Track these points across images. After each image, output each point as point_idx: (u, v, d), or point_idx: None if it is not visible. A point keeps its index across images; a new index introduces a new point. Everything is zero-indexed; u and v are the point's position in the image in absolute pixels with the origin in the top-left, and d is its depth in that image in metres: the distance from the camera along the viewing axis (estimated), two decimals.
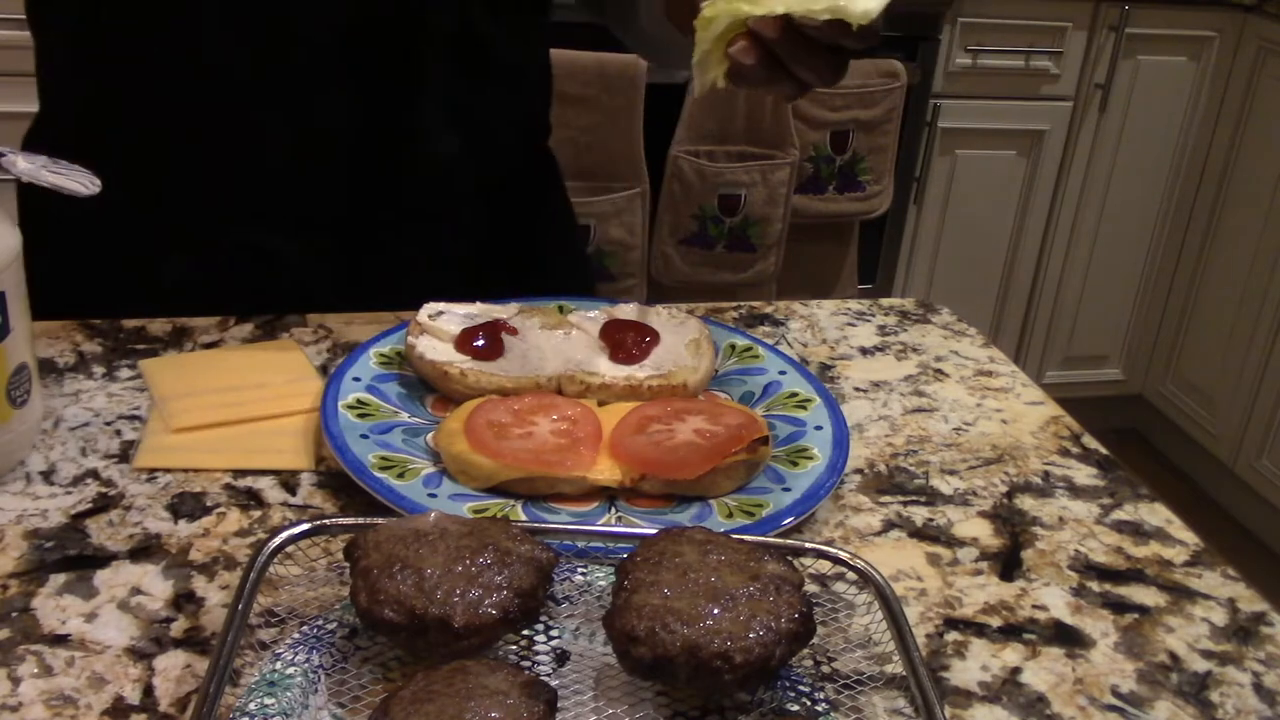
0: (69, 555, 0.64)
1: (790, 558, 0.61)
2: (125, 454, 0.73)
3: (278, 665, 0.55)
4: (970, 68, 2.55)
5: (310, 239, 0.94)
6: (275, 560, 0.59)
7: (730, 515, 0.69)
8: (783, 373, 0.84)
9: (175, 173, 0.92)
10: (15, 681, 0.56)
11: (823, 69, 0.74)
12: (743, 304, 0.99)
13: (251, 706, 0.52)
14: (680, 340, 0.84)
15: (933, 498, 0.76)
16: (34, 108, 1.04)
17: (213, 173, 0.92)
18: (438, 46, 0.92)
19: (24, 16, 0.98)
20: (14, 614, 0.60)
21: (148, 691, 0.56)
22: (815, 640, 0.58)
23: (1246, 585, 0.71)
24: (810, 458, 0.75)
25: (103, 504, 0.68)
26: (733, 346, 0.87)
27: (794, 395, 0.82)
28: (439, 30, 0.92)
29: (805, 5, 0.70)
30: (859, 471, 0.78)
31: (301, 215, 0.93)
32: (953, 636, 0.64)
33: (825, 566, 0.65)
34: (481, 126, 0.98)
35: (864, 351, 0.94)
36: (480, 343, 0.80)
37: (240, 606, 0.56)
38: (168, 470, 0.72)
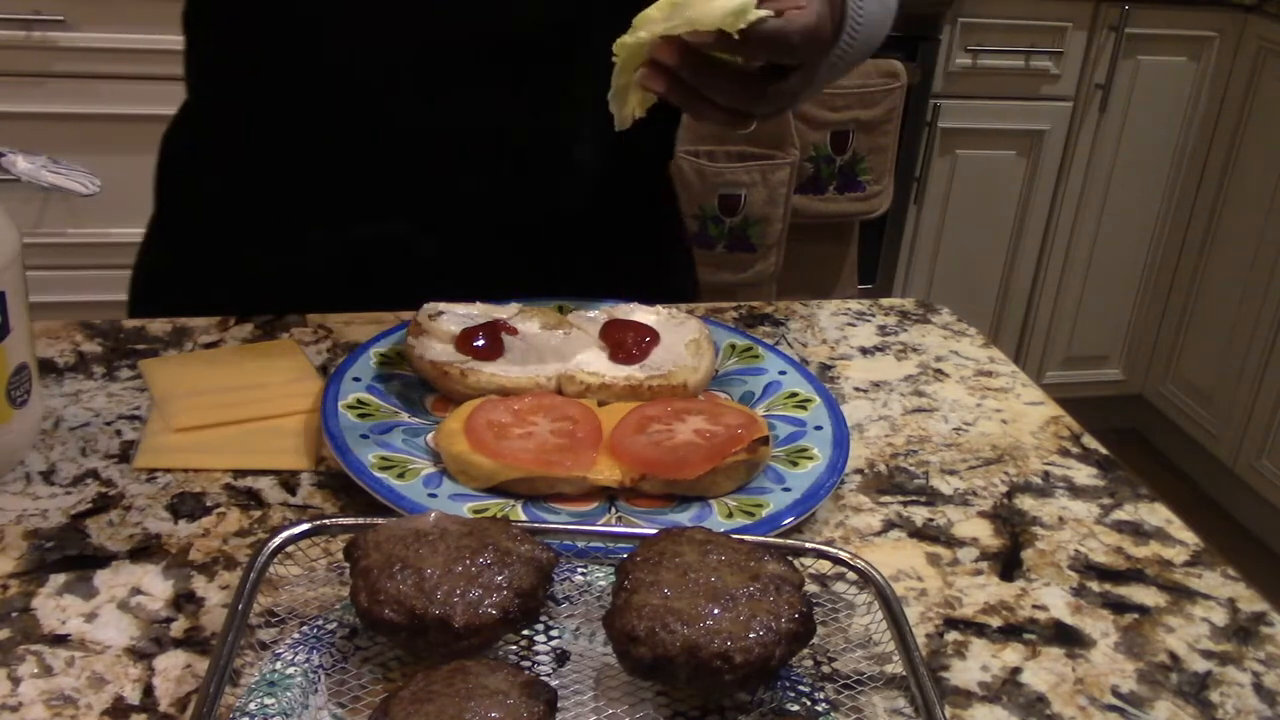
0: (69, 555, 0.64)
1: (790, 558, 0.61)
2: (125, 454, 0.73)
3: (278, 665, 0.55)
4: (970, 68, 2.55)
5: (451, 236, 0.94)
6: (275, 560, 0.59)
7: (730, 515, 0.69)
8: (783, 373, 0.84)
9: (319, 168, 0.93)
10: (15, 681, 0.56)
11: (739, 92, 0.74)
12: (743, 304, 0.99)
13: (251, 706, 0.52)
14: (680, 340, 0.84)
15: (933, 498, 0.76)
16: (36, 108, 1.05)
17: (355, 169, 0.93)
18: (592, 59, 0.94)
19: (26, 17, 0.99)
20: (14, 614, 0.60)
21: (148, 691, 0.56)
22: (815, 640, 0.58)
23: (1246, 585, 0.71)
24: (810, 458, 0.75)
25: (103, 504, 0.68)
26: (733, 346, 0.87)
27: (794, 395, 0.82)
28: (593, 44, 0.93)
29: (667, 26, 0.71)
30: (859, 471, 0.78)
31: (444, 212, 0.94)
32: (953, 636, 0.64)
33: (825, 566, 0.65)
34: (624, 139, 1.01)
35: (864, 351, 0.94)
36: (480, 343, 0.80)
37: (240, 606, 0.56)
38: (168, 470, 0.72)
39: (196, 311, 0.90)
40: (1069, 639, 0.65)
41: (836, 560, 0.63)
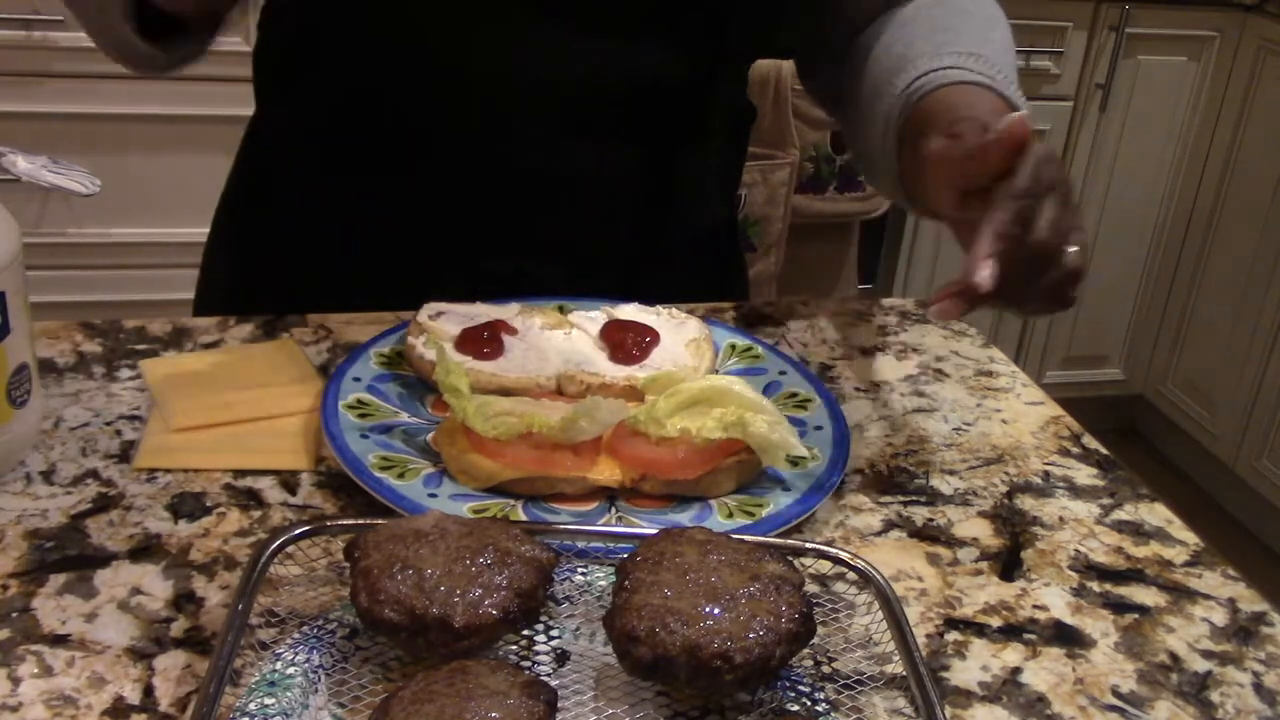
0: (69, 555, 0.64)
1: (790, 558, 0.61)
2: (125, 454, 0.73)
3: (278, 665, 0.55)
4: None
5: (569, 266, 0.95)
6: (275, 560, 0.59)
7: (730, 515, 0.69)
8: (783, 373, 0.84)
9: (439, 206, 0.94)
10: (15, 681, 0.56)
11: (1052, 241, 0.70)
12: (743, 304, 0.99)
13: (251, 706, 0.52)
14: (680, 340, 0.84)
15: (933, 498, 0.76)
16: (36, 108, 1.05)
17: (472, 202, 0.93)
18: (705, 117, 0.96)
19: (26, 16, 0.99)
20: (14, 614, 0.60)
21: (148, 691, 0.56)
22: (815, 640, 0.58)
23: (1246, 585, 0.71)
24: (810, 458, 0.75)
25: (103, 504, 0.68)
26: (733, 346, 0.87)
27: (794, 395, 0.82)
28: (708, 103, 0.95)
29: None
30: (859, 471, 0.78)
31: (560, 245, 0.95)
32: (953, 636, 0.64)
33: (825, 566, 0.65)
34: (728, 180, 1.03)
35: (864, 351, 0.94)
36: (480, 343, 0.80)
37: (240, 606, 0.56)
38: (168, 470, 0.72)
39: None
40: (1069, 639, 0.65)
41: (836, 560, 0.63)
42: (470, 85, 0.89)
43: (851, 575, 0.64)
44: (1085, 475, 0.81)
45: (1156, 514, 0.77)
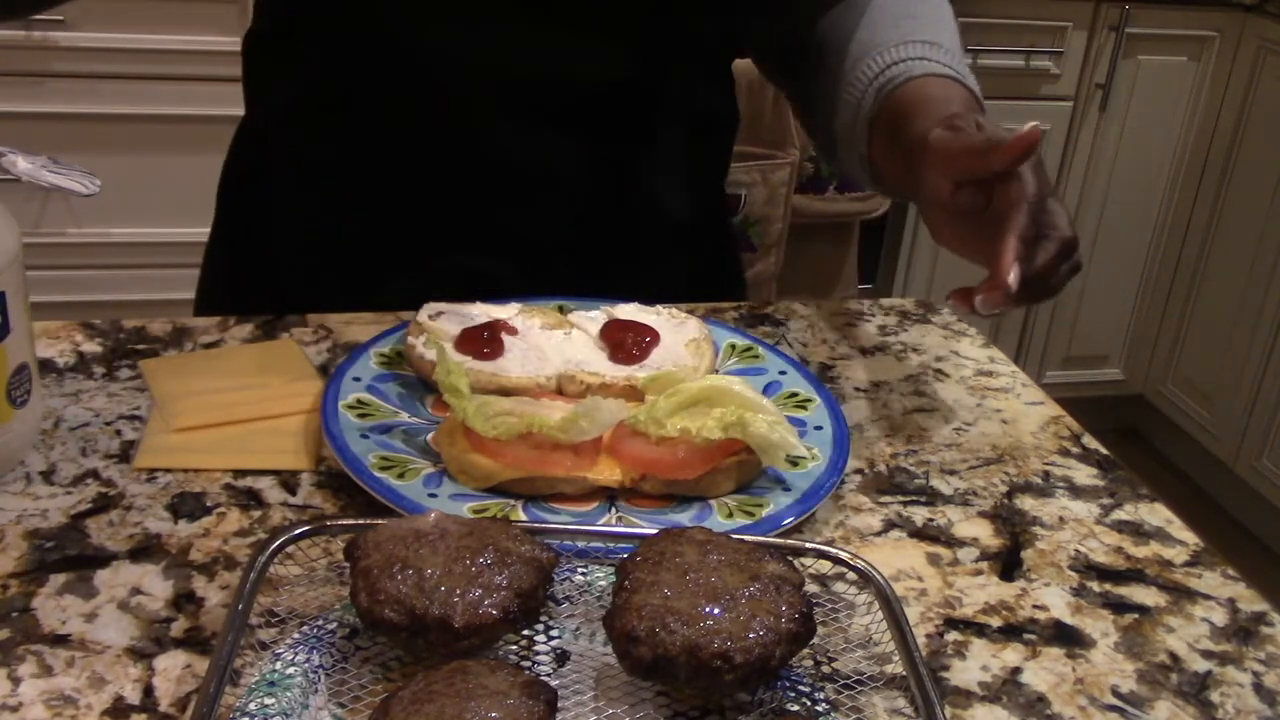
0: (69, 555, 0.64)
1: (790, 558, 0.61)
2: (125, 454, 0.73)
3: (278, 665, 0.55)
4: (970, 67, 2.55)
5: (532, 266, 0.94)
6: (275, 560, 0.59)
7: (730, 515, 0.69)
8: (783, 373, 0.84)
9: (399, 200, 0.94)
10: (15, 681, 0.56)
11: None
12: (743, 304, 0.99)
13: (251, 706, 0.52)
14: (680, 340, 0.84)
15: (933, 498, 0.76)
16: (36, 108, 1.05)
17: (437, 200, 0.94)
18: (671, 116, 0.96)
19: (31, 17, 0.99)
20: (14, 614, 0.60)
21: (148, 691, 0.56)
22: (815, 640, 0.58)
23: (1246, 585, 0.71)
24: (810, 458, 0.75)
25: (103, 504, 0.68)
26: (733, 346, 0.87)
27: (794, 395, 0.82)
28: (674, 102, 0.95)
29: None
30: (859, 471, 0.78)
31: (523, 243, 0.95)
32: (953, 636, 0.64)
33: (825, 566, 0.65)
34: (701, 179, 1.03)
35: (864, 351, 0.94)
36: (480, 343, 0.80)
37: (240, 606, 0.56)
38: (168, 470, 0.72)
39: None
40: (1069, 639, 0.65)
41: (836, 560, 0.63)
42: (447, 82, 0.89)
43: (851, 575, 0.64)
44: (1085, 475, 0.81)
45: (1156, 514, 0.77)
